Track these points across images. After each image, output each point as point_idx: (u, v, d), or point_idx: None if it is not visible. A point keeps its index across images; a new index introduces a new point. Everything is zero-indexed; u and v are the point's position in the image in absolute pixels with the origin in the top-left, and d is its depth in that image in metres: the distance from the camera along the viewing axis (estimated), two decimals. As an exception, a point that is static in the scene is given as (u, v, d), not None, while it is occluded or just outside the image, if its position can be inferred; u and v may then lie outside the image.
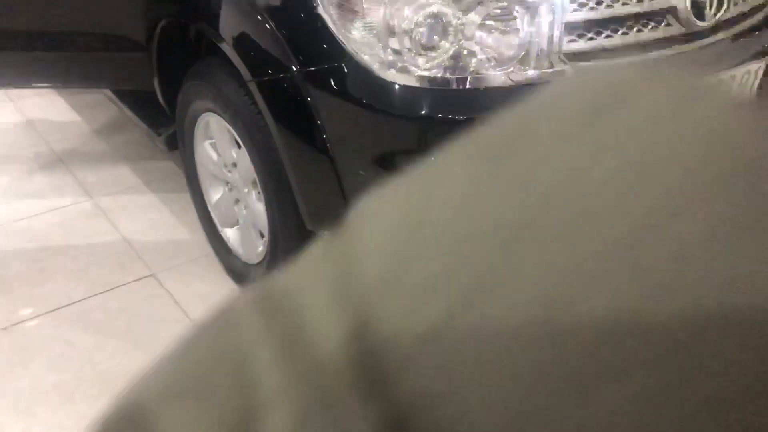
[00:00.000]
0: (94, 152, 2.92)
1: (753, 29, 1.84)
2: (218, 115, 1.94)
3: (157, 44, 2.10)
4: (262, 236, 1.98)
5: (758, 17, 1.87)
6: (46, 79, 2.30)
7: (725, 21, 1.74)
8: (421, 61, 1.49)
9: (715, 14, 1.69)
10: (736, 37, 1.79)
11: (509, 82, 1.52)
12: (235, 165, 1.99)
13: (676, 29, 1.66)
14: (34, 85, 2.48)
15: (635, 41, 1.61)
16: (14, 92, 3.21)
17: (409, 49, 1.49)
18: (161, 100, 2.26)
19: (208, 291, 2.19)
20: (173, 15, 2.01)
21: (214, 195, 2.20)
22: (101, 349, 1.96)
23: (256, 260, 2.05)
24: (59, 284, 2.21)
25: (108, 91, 2.66)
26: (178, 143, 2.25)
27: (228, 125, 1.90)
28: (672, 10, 1.64)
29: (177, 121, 2.17)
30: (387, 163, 1.56)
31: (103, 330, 2.04)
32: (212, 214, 2.23)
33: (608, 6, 1.56)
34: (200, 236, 2.33)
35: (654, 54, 1.63)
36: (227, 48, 1.73)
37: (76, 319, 2.08)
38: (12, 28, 2.06)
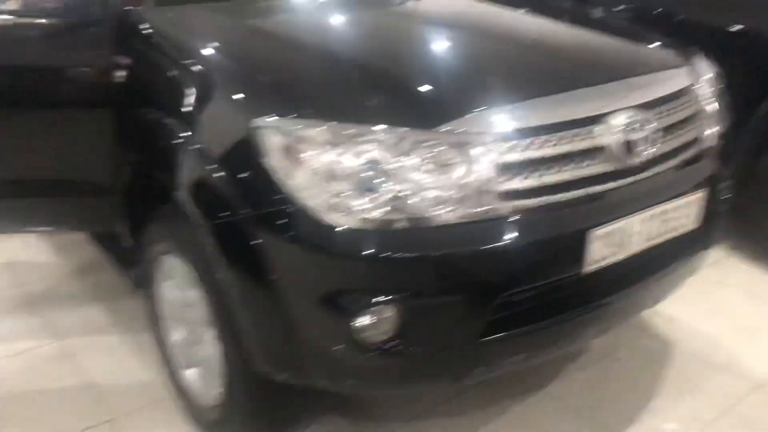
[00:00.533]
0: (68, 293, 2.92)
1: (687, 163, 1.92)
2: (176, 256, 1.98)
3: (126, 189, 2.18)
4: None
5: (692, 152, 1.95)
6: (8, 225, 2.37)
7: (658, 157, 1.82)
8: (361, 203, 1.54)
9: (645, 152, 1.76)
10: (671, 171, 1.86)
11: (447, 222, 1.57)
12: (193, 305, 2.00)
13: (609, 166, 1.73)
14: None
15: (569, 179, 1.67)
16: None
17: (350, 193, 1.54)
18: (132, 242, 2.30)
19: (167, 435, 2.14)
20: (136, 163, 2.10)
21: (174, 335, 2.19)
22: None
23: (213, 403, 2.01)
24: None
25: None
26: (143, 283, 2.28)
27: (185, 266, 1.93)
28: (603, 149, 1.72)
29: (141, 262, 2.21)
30: (335, 303, 1.58)
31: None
32: (172, 355, 2.21)
33: (541, 147, 1.63)
34: (165, 377, 2.30)
35: (590, 190, 1.69)
36: (183, 194, 1.80)
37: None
38: None
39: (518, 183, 1.61)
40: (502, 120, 1.62)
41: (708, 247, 2.06)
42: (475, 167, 1.57)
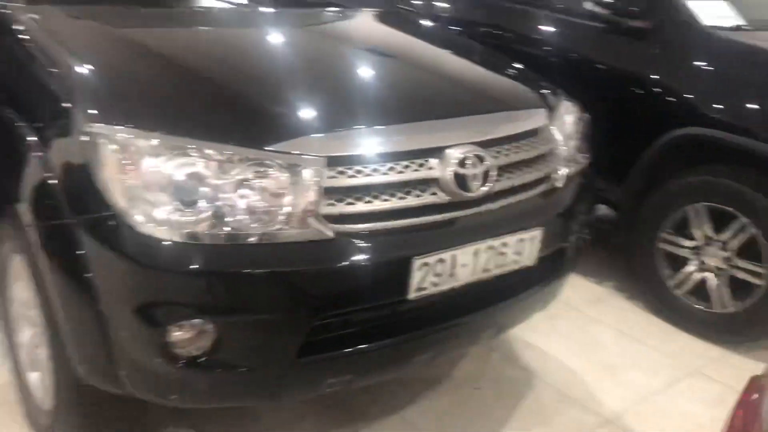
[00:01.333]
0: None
1: (529, 201, 1.98)
2: (21, 256, 1.96)
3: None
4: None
5: (536, 190, 2.01)
6: None
7: (495, 193, 1.87)
8: (179, 217, 1.54)
9: (480, 187, 1.81)
10: (510, 207, 1.91)
11: (267, 240, 1.58)
12: (35, 307, 1.97)
13: (441, 198, 1.77)
14: None
15: (398, 207, 1.70)
16: None
17: (169, 206, 1.54)
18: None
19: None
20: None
21: (21, 336, 2.16)
22: None
23: (47, 408, 1.98)
24: None
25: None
26: (-1, 283, 2.24)
27: (26, 267, 1.91)
28: (436, 181, 1.76)
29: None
30: (148, 314, 1.58)
31: None
32: (19, 356, 2.18)
33: (366, 175, 1.66)
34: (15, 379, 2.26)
35: (419, 219, 1.73)
36: (23, 196, 1.78)
37: None
38: None
39: (343, 207, 1.64)
40: (331, 145, 1.65)
41: (548, 283, 2.11)
42: (300, 189, 1.60)
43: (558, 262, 2.14)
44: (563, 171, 2.12)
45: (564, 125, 2.20)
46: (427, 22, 2.94)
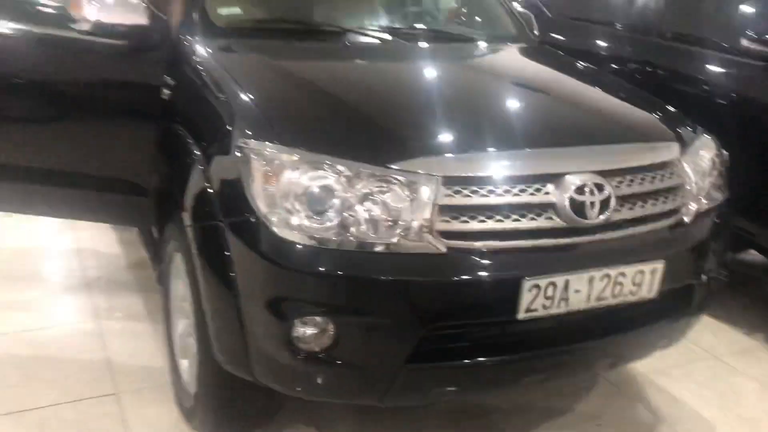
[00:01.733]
0: (118, 282, 3.29)
1: (652, 233, 1.96)
2: (181, 255, 2.25)
3: (156, 192, 2.49)
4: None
5: (660, 224, 1.99)
6: (49, 211, 2.76)
7: (618, 222, 1.88)
8: (312, 223, 1.73)
9: (598, 216, 1.84)
10: (630, 238, 1.91)
11: (386, 250, 1.72)
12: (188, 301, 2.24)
13: (556, 223, 1.82)
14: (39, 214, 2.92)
15: (512, 228, 1.78)
16: (75, 222, 3.69)
17: (303, 213, 1.74)
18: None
19: (157, 416, 2.39)
20: (165, 171, 2.41)
21: (179, 327, 2.45)
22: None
23: (193, 391, 2.24)
24: (35, 389, 2.48)
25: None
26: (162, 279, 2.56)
27: (184, 263, 2.19)
28: (552, 206, 1.81)
29: (159, 259, 2.50)
30: (279, 309, 1.77)
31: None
32: (174, 345, 2.47)
33: (482, 195, 1.76)
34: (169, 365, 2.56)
35: (532, 242, 1.79)
36: (185, 202, 2.07)
37: (30, 425, 2.31)
38: (17, 164, 2.54)
39: (458, 225, 1.74)
40: (449, 166, 1.77)
41: (673, 320, 2.06)
42: (418, 205, 1.72)
43: (685, 300, 2.09)
44: (693, 206, 2.08)
45: (699, 161, 2.16)
46: (565, 56, 2.98)
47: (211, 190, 1.93)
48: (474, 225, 1.75)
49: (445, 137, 1.93)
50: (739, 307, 3.35)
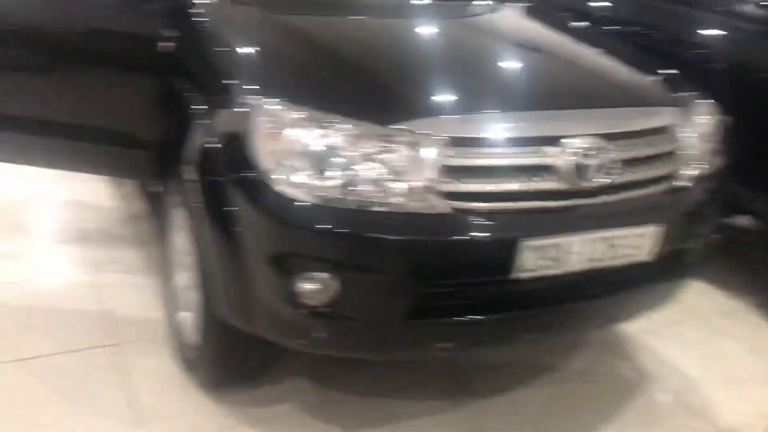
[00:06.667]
0: (116, 235, 3.30)
1: (649, 197, 1.99)
2: (184, 208, 2.26)
3: (159, 146, 2.49)
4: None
5: (657, 188, 2.02)
6: (46, 162, 2.75)
7: (613, 185, 1.91)
8: (315, 181, 1.75)
9: (598, 178, 1.86)
10: (628, 201, 1.94)
11: (388, 209, 1.75)
12: (190, 254, 2.27)
13: (558, 185, 1.84)
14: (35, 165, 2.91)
15: (513, 190, 1.80)
16: (70, 174, 3.67)
17: (307, 171, 1.75)
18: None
19: (158, 366, 2.43)
20: (168, 124, 2.41)
21: (177, 280, 2.47)
22: (43, 408, 2.20)
23: (194, 343, 2.28)
24: (34, 338, 2.51)
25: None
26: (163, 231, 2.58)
27: (187, 217, 2.20)
28: (553, 169, 1.83)
29: (159, 212, 2.51)
30: (281, 265, 1.80)
31: (53, 388, 2.29)
32: (174, 298, 2.50)
33: (485, 157, 1.78)
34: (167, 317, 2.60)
35: (533, 203, 1.82)
36: (190, 156, 2.07)
37: (35, 372, 2.35)
38: (12, 113, 2.53)
39: (460, 186, 1.77)
40: (451, 127, 1.78)
41: (665, 283, 2.11)
42: (422, 166, 1.74)
43: (677, 263, 2.13)
44: (690, 171, 2.10)
45: (697, 126, 2.18)
46: (569, 18, 2.97)
47: (215, 146, 1.94)
48: (476, 186, 1.77)
49: (451, 98, 1.93)
50: (728, 269, 3.42)
